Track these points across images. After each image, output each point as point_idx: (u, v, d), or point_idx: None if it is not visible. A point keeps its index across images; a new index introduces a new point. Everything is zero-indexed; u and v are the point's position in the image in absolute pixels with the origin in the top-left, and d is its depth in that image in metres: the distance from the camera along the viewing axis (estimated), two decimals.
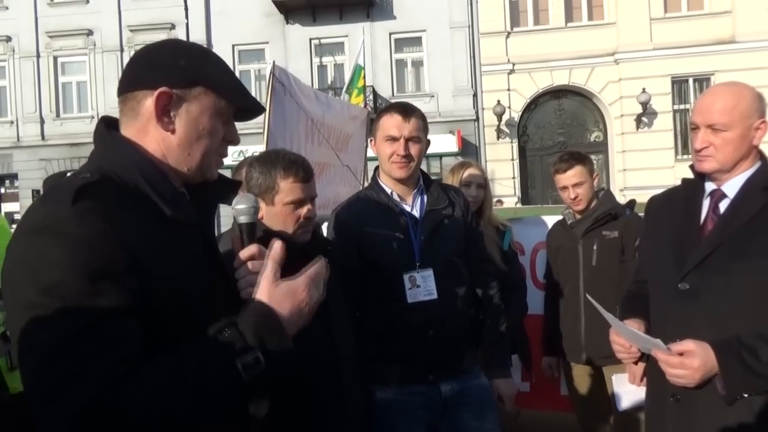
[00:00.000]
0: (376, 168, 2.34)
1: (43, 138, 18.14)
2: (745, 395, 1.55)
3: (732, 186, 1.73)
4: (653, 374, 1.79)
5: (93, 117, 17.95)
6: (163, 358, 0.95)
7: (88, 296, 0.91)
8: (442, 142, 15.56)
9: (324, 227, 2.58)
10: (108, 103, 17.73)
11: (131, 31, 17.79)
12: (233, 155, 14.60)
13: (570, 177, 2.96)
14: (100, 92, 17.89)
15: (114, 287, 0.93)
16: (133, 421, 0.89)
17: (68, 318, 0.90)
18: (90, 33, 18.02)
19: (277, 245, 1.14)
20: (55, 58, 18.25)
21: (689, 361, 1.56)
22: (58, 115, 18.26)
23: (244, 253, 1.19)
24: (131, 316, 0.95)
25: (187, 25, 17.62)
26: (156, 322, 0.99)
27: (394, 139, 2.18)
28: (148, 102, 1.09)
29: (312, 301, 1.12)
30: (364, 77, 14.42)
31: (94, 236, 0.94)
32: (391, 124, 2.19)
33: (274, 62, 3.10)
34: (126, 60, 17.60)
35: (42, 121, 18.20)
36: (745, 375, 1.53)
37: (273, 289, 1.08)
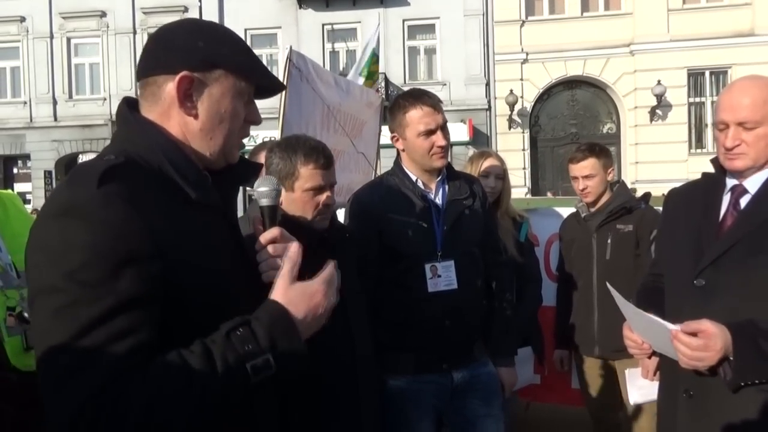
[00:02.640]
0: (398, 154, 2.32)
1: (55, 119, 18.23)
2: (750, 382, 1.52)
3: (754, 182, 1.70)
4: (666, 369, 1.79)
5: (105, 99, 18.01)
6: (173, 353, 0.94)
7: (108, 282, 0.91)
8: (454, 131, 15.26)
9: (339, 213, 2.58)
10: (120, 86, 17.77)
11: (144, 13, 17.78)
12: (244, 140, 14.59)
13: (581, 168, 2.95)
14: (113, 74, 17.94)
15: (136, 273, 0.93)
16: (136, 416, 0.89)
17: (86, 306, 0.90)
18: (103, 15, 18.03)
19: (294, 246, 1.13)
20: (69, 40, 18.28)
21: (713, 342, 1.51)
22: (70, 96, 18.33)
23: (266, 236, 1.18)
24: (149, 305, 0.94)
25: (200, 8, 17.58)
26: (179, 307, 0.99)
27: (431, 132, 2.15)
28: (170, 87, 1.07)
29: (329, 305, 1.11)
30: (377, 62, 14.32)
31: (119, 221, 0.93)
32: (424, 117, 2.15)
33: (291, 47, 3.08)
34: (139, 42, 17.69)
35: (55, 103, 18.28)
36: (757, 360, 1.50)
37: (289, 290, 1.06)
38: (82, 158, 17.72)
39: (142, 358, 0.92)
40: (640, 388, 2.50)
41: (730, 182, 1.76)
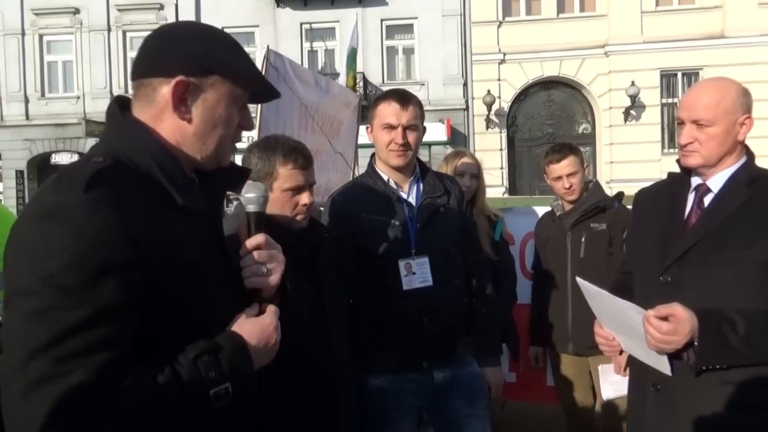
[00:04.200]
0: (373, 155, 2.33)
1: (27, 118, 17.85)
2: (712, 367, 1.57)
3: (717, 181, 1.75)
4: (635, 364, 1.83)
5: (78, 97, 17.69)
6: (145, 373, 0.96)
7: (87, 290, 0.90)
8: (432, 131, 15.23)
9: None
10: (94, 84, 17.48)
11: (119, 10, 17.50)
12: None
13: (564, 167, 2.98)
14: (87, 72, 17.63)
15: (115, 282, 0.92)
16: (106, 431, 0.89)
17: (63, 312, 0.89)
18: (77, 11, 17.70)
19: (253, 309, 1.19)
20: (41, 37, 17.92)
21: (681, 327, 1.55)
22: (43, 94, 17.97)
23: (251, 243, 1.18)
24: (126, 314, 0.94)
25: (176, 5, 17.37)
26: (161, 312, 0.99)
27: (391, 127, 2.17)
28: (165, 90, 1.07)
29: (278, 338, 1.17)
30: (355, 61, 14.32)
31: (102, 227, 0.92)
32: (389, 112, 2.18)
33: (268, 47, 3.08)
34: (113, 40, 17.42)
35: (26, 101, 17.90)
36: (719, 345, 1.54)
37: (245, 323, 1.12)
38: (55, 158, 17.36)
39: (116, 372, 0.92)
40: (613, 383, 2.55)
41: (695, 181, 1.81)
